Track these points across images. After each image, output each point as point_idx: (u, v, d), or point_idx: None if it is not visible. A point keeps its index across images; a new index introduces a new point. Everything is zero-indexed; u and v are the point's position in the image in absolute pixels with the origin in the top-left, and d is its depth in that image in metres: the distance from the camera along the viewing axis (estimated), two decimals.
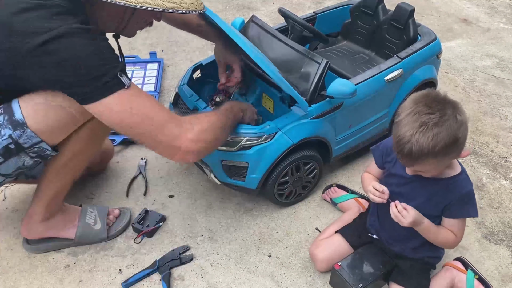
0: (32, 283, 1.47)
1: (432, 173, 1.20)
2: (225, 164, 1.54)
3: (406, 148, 1.10)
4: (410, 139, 1.08)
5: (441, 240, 1.28)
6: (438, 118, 1.07)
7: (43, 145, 1.22)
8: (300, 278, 1.49)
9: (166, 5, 1.16)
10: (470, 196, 1.24)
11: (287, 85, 1.42)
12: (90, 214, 1.58)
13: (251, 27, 1.74)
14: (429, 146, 1.07)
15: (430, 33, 1.91)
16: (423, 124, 1.08)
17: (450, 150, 1.10)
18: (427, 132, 1.07)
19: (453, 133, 1.08)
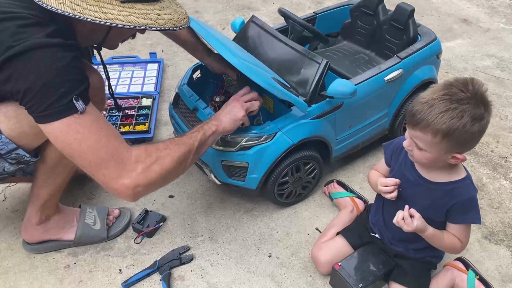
0: (32, 283, 1.47)
1: (423, 155, 1.15)
2: (225, 164, 1.54)
3: (417, 106, 1.08)
4: (428, 101, 1.07)
5: (447, 246, 1.26)
6: (464, 97, 1.05)
7: (20, 151, 1.21)
8: (300, 278, 1.49)
9: (139, 22, 1.09)
10: (472, 203, 1.21)
11: (281, 91, 1.40)
12: (90, 214, 1.58)
13: (251, 27, 1.74)
14: (438, 116, 1.04)
15: (430, 33, 1.91)
16: (448, 94, 1.05)
17: (452, 135, 1.06)
18: (446, 103, 1.05)
19: (466, 120, 1.04)
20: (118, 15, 1.06)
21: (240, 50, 1.56)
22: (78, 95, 1.06)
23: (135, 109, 2.14)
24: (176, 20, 1.18)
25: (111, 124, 1.22)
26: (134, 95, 2.25)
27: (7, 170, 1.24)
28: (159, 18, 1.13)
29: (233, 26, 1.84)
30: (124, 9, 1.07)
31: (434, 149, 1.12)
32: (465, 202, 1.21)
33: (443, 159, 1.16)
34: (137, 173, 1.13)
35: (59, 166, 1.36)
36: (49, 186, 1.41)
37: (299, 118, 1.53)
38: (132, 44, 2.74)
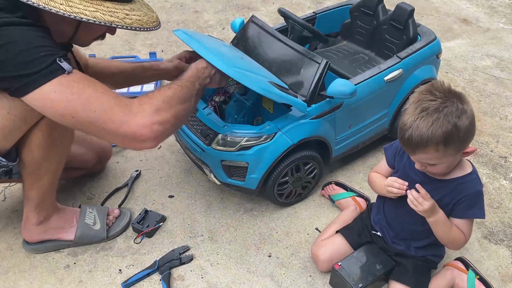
0: (32, 283, 1.46)
1: (438, 168, 1.18)
2: (225, 164, 1.54)
3: (406, 134, 1.10)
4: (411, 125, 1.09)
5: (452, 237, 1.25)
6: (439, 104, 1.08)
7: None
8: (300, 278, 1.49)
9: (105, 18, 1.06)
10: (478, 197, 1.22)
11: (278, 95, 1.39)
12: (90, 214, 1.58)
13: (250, 27, 1.74)
14: (429, 132, 1.07)
15: (430, 33, 1.91)
16: (423, 110, 1.08)
17: (451, 139, 1.08)
18: (427, 118, 1.07)
19: (453, 120, 1.07)
20: (84, 10, 1.05)
21: (234, 55, 1.54)
22: (61, 56, 1.03)
23: None
24: (144, 22, 1.15)
25: None
26: (134, 95, 2.24)
27: None
28: (126, 17, 1.10)
29: (232, 26, 1.84)
30: (91, 5, 1.06)
31: (445, 159, 1.15)
32: (472, 196, 1.21)
33: (456, 160, 1.19)
34: (148, 113, 1.08)
35: (40, 169, 1.34)
36: (36, 188, 1.39)
37: (299, 118, 1.53)
38: (132, 44, 2.74)
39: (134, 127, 1.07)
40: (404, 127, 1.11)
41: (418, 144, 1.10)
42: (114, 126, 1.07)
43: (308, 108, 1.53)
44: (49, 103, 1.04)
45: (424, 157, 1.14)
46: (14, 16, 1.03)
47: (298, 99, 1.49)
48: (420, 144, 1.09)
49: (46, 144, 1.28)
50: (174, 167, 1.91)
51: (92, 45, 1.41)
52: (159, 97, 1.13)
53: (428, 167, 1.18)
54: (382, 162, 1.44)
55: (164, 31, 2.86)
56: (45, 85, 1.01)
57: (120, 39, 2.77)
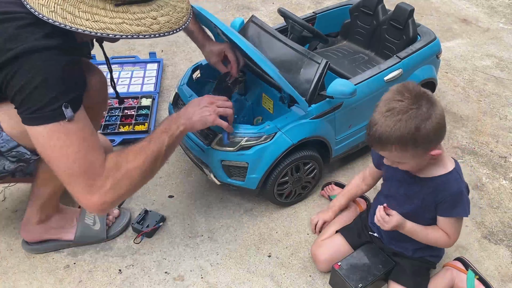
0: (31, 283, 1.46)
1: (406, 166, 1.20)
2: (224, 164, 1.54)
3: (371, 131, 1.12)
4: (377, 122, 1.11)
5: (431, 240, 1.28)
6: (405, 106, 1.09)
7: (21, 149, 1.21)
8: (300, 278, 1.49)
9: (132, 30, 1.06)
10: (460, 196, 1.22)
11: (287, 84, 1.41)
12: (89, 214, 1.58)
13: (250, 27, 1.74)
14: (389, 131, 1.08)
15: (429, 33, 1.91)
16: (389, 109, 1.10)
17: (410, 142, 1.09)
18: (391, 117, 1.09)
19: (415, 123, 1.07)
20: (110, 23, 1.04)
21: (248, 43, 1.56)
22: (69, 102, 1.06)
23: (135, 109, 2.14)
24: (173, 22, 1.14)
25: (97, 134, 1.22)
26: (133, 95, 2.25)
27: (7, 168, 1.24)
28: (153, 23, 1.09)
29: (232, 26, 1.83)
30: (117, 15, 1.05)
31: (407, 159, 1.16)
32: (454, 196, 1.21)
33: (423, 161, 1.19)
34: (106, 190, 1.14)
35: None
36: (50, 185, 1.40)
37: (298, 118, 1.53)
38: (132, 44, 2.74)
39: (87, 201, 1.15)
40: (370, 124, 1.14)
41: (378, 141, 1.12)
42: (73, 191, 1.14)
43: (308, 108, 1.53)
44: (34, 140, 1.10)
45: (385, 154, 1.17)
46: (44, 33, 1.04)
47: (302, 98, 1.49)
48: (381, 141, 1.11)
49: None
50: (174, 167, 1.90)
51: None
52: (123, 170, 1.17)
53: (395, 163, 1.20)
54: (371, 163, 1.46)
55: None
56: (40, 126, 1.06)
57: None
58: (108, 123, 2.06)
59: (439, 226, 1.27)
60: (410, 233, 1.27)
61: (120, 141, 1.96)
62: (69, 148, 1.09)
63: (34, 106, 1.04)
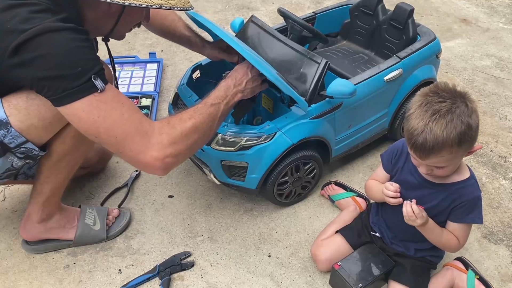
0: (31, 283, 1.46)
1: (445, 170, 1.16)
2: (224, 164, 1.54)
3: (420, 139, 1.07)
4: (424, 129, 1.06)
5: (443, 242, 1.26)
6: (449, 105, 1.06)
7: (30, 145, 1.21)
8: (299, 278, 1.49)
9: (154, 1, 1.12)
10: (476, 203, 1.21)
11: (286, 86, 1.41)
12: (89, 214, 1.58)
13: (250, 27, 1.74)
14: (444, 134, 1.05)
15: (429, 33, 1.91)
16: (435, 112, 1.06)
17: (464, 139, 1.07)
18: (440, 120, 1.05)
19: (466, 119, 1.06)
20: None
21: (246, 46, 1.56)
22: (96, 73, 1.07)
23: None
24: (184, 2, 1.21)
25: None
26: (133, 95, 2.25)
27: (15, 165, 1.24)
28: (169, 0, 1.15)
29: (232, 26, 1.84)
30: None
31: (455, 160, 1.14)
32: (470, 202, 1.20)
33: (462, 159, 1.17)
34: (164, 145, 1.13)
35: (63, 161, 1.36)
36: (52, 182, 1.40)
37: (298, 118, 1.53)
38: (132, 44, 2.74)
39: (148, 158, 1.12)
40: (415, 132, 1.08)
41: (433, 148, 1.07)
42: (131, 154, 1.13)
43: (308, 108, 1.53)
44: (76, 120, 1.09)
45: (436, 161, 1.11)
46: (57, 18, 1.06)
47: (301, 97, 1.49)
48: (435, 147, 1.07)
49: (74, 137, 1.32)
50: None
51: None
52: (178, 127, 1.17)
53: (435, 170, 1.16)
54: (378, 169, 1.42)
55: None
56: (76, 102, 1.06)
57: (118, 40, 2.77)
58: None
59: (449, 230, 1.26)
60: (429, 230, 1.23)
61: None
62: (113, 114, 1.09)
63: (64, 83, 1.03)
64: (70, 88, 1.04)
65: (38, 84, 1.05)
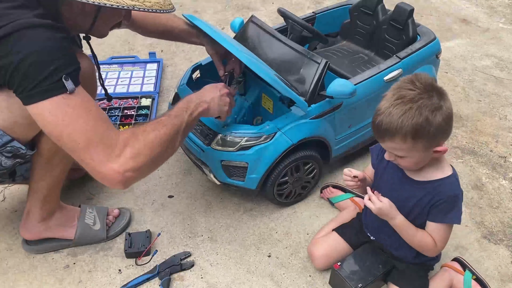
0: (31, 283, 1.46)
1: (407, 162, 1.15)
2: (224, 164, 1.54)
3: (377, 119, 1.09)
4: (384, 111, 1.08)
5: (417, 242, 1.23)
6: (415, 95, 1.06)
7: (15, 143, 1.19)
8: (299, 278, 1.49)
9: (126, 2, 1.08)
10: (455, 201, 1.18)
11: (285, 88, 1.41)
12: (89, 214, 1.58)
13: (250, 27, 1.74)
14: (399, 121, 1.05)
15: (429, 33, 1.91)
16: (399, 97, 1.07)
17: (420, 133, 1.06)
18: (401, 106, 1.06)
19: (426, 114, 1.05)
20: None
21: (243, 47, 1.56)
22: (68, 74, 1.04)
23: (135, 109, 2.14)
24: (162, 4, 1.17)
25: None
26: (133, 95, 2.25)
27: (4, 164, 1.22)
28: (145, 1, 1.12)
29: (232, 26, 1.84)
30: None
31: (412, 152, 1.12)
32: (448, 200, 1.18)
33: (427, 157, 1.16)
34: (126, 158, 1.10)
35: (55, 158, 1.34)
36: (47, 179, 1.39)
37: (298, 118, 1.53)
38: (132, 44, 2.74)
39: (108, 170, 1.09)
40: (377, 112, 1.10)
41: (386, 131, 1.08)
42: (92, 163, 1.09)
43: (307, 108, 1.53)
44: (40, 120, 1.06)
45: (392, 146, 1.12)
46: (34, 13, 1.04)
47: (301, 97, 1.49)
48: (388, 131, 1.08)
49: None
50: (173, 167, 1.90)
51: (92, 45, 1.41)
52: (142, 139, 1.14)
53: (397, 159, 1.16)
54: (370, 165, 1.42)
55: None
56: (43, 102, 1.03)
57: (120, 39, 2.77)
58: None
59: (427, 230, 1.23)
60: (399, 227, 1.21)
61: None
62: (79, 119, 1.06)
63: (34, 81, 1.02)
64: (39, 87, 1.02)
65: (9, 81, 1.04)
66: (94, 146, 1.08)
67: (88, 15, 1.22)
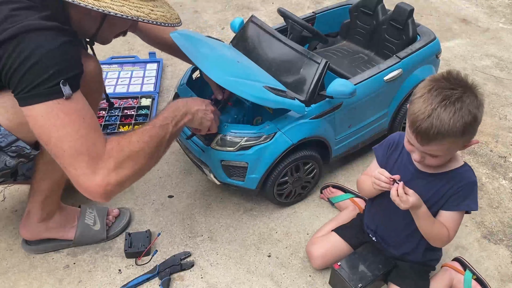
0: (31, 283, 1.46)
1: (438, 160, 1.13)
2: (224, 164, 1.54)
3: (425, 124, 1.03)
4: (431, 114, 1.03)
5: (435, 232, 1.22)
6: (460, 94, 1.03)
7: (21, 143, 1.20)
8: (299, 278, 1.49)
9: (132, 13, 1.09)
10: (473, 187, 1.19)
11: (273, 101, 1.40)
12: (89, 214, 1.58)
13: (250, 27, 1.74)
14: (451, 122, 1.02)
15: (429, 33, 1.91)
16: (445, 98, 1.03)
17: (468, 130, 1.05)
18: (449, 106, 1.02)
19: (474, 110, 1.04)
20: (112, 4, 1.08)
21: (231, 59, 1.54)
22: (67, 79, 1.04)
23: (135, 109, 2.14)
24: (168, 18, 1.19)
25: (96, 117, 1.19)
26: (133, 95, 2.25)
27: (8, 164, 1.23)
28: (151, 13, 1.14)
29: (232, 26, 1.84)
30: (118, 0, 1.10)
31: (452, 150, 1.11)
32: (467, 186, 1.18)
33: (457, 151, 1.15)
34: (109, 170, 1.10)
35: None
36: (49, 179, 1.39)
37: (298, 118, 1.53)
38: (132, 44, 2.74)
39: (91, 182, 1.09)
40: (421, 116, 1.04)
41: (437, 134, 1.03)
42: (75, 173, 1.09)
43: (307, 108, 1.53)
44: (32, 122, 1.07)
45: (436, 149, 1.08)
46: (41, 15, 1.05)
47: (296, 101, 1.49)
48: (439, 134, 1.03)
49: None
50: (173, 167, 1.90)
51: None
52: (127, 150, 1.14)
53: (428, 158, 1.13)
54: (372, 164, 1.40)
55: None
56: (38, 105, 1.04)
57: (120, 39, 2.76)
58: (108, 123, 2.06)
59: (441, 220, 1.22)
60: (422, 216, 1.19)
61: None
62: (69, 127, 1.06)
63: (31, 84, 1.02)
64: (35, 90, 1.02)
65: (9, 82, 1.04)
66: (79, 156, 1.07)
67: (94, 20, 1.24)
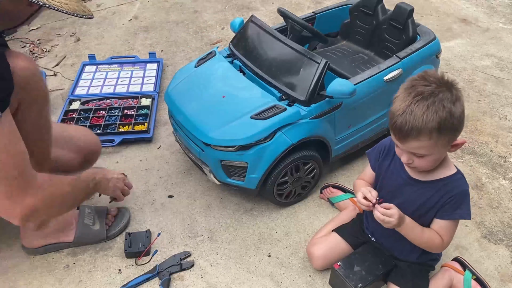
0: (31, 283, 1.46)
1: (426, 161, 1.13)
2: (224, 164, 1.54)
3: (400, 120, 1.05)
4: (405, 110, 1.04)
5: (425, 241, 1.22)
6: (433, 89, 1.04)
7: None
8: (299, 278, 1.49)
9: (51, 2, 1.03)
10: (464, 197, 1.19)
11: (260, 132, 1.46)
12: (89, 214, 1.58)
13: (250, 27, 1.74)
14: (424, 116, 1.02)
15: (429, 33, 1.91)
16: (418, 94, 1.04)
17: (445, 126, 1.04)
18: (422, 102, 1.03)
19: (449, 105, 1.04)
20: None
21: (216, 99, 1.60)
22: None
23: (135, 109, 2.14)
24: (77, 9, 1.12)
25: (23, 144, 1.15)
26: (133, 95, 2.25)
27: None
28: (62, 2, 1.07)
29: (232, 26, 1.84)
30: None
31: (435, 149, 1.10)
32: (458, 196, 1.18)
33: (444, 153, 1.15)
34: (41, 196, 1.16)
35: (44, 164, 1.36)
36: None
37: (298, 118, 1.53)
38: (132, 44, 2.74)
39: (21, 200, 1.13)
40: (396, 113, 1.06)
41: (411, 129, 1.04)
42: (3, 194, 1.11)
43: (307, 108, 1.54)
44: None
45: (416, 146, 1.08)
46: None
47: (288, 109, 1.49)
48: (413, 129, 1.04)
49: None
50: (173, 167, 1.90)
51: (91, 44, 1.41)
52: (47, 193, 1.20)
53: (415, 160, 1.13)
54: (367, 168, 1.40)
55: (164, 31, 2.86)
56: None
57: (120, 39, 2.77)
58: (108, 123, 2.06)
59: (434, 228, 1.23)
60: (406, 230, 1.20)
61: (120, 141, 1.96)
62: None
63: None
64: None
65: None
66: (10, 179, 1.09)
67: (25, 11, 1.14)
